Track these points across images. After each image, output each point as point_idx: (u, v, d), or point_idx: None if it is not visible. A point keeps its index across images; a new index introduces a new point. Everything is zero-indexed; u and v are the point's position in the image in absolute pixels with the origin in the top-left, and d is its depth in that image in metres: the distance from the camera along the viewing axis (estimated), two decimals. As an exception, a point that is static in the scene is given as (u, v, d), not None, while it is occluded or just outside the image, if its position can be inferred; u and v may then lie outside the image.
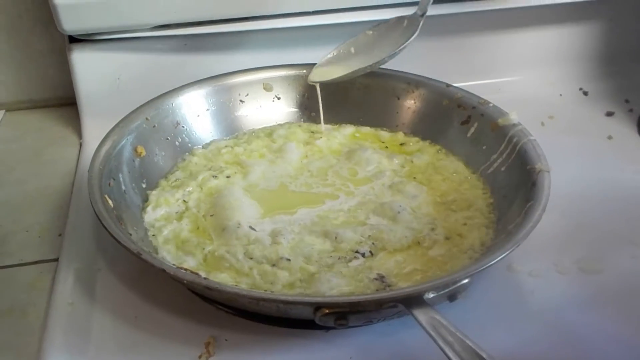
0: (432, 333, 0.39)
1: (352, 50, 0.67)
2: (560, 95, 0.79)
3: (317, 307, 0.42)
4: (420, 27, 0.65)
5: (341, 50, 0.68)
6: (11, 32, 0.77)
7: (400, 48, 0.64)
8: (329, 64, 0.68)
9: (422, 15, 0.65)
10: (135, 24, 0.69)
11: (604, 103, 0.78)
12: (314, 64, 0.68)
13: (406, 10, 0.68)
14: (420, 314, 0.40)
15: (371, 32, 0.68)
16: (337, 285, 0.48)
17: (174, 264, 0.49)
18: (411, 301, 0.41)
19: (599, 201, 0.61)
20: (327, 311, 0.41)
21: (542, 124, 0.72)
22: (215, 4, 0.68)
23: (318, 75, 0.67)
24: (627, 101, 0.78)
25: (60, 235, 0.58)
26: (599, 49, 0.82)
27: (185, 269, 0.47)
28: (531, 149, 0.56)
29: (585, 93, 0.80)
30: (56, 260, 0.55)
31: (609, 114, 0.76)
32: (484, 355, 0.37)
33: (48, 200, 0.64)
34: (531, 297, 0.51)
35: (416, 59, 0.68)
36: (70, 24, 0.66)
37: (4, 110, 0.80)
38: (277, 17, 0.70)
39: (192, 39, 0.71)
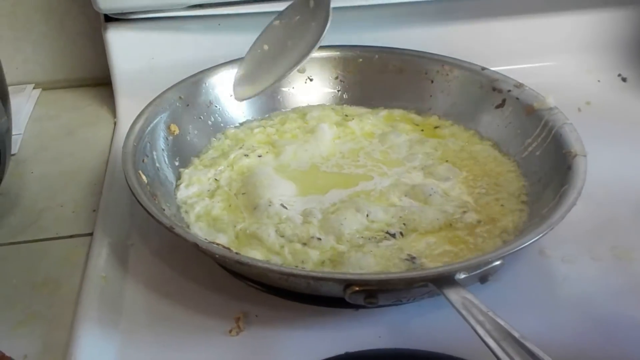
0: (463, 312, 0.39)
1: (265, 47, 0.62)
2: (598, 81, 0.78)
3: (348, 284, 0.41)
4: (331, 7, 0.58)
5: (255, 51, 0.62)
6: (48, 13, 0.78)
7: (320, 40, 0.58)
8: (250, 75, 0.62)
9: None
10: (170, 4, 0.69)
11: (644, 90, 0.76)
12: (345, 46, 0.68)
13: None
14: (451, 294, 0.40)
15: (278, 22, 0.62)
16: (367, 265, 0.48)
17: (206, 239, 0.49)
18: (442, 281, 0.41)
19: (637, 188, 0.60)
20: (357, 289, 0.41)
21: (579, 110, 0.71)
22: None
23: (242, 93, 0.62)
24: (667, 88, 0.76)
25: (94, 211, 0.59)
26: (638, 34, 0.80)
27: (217, 244, 0.48)
28: (567, 133, 0.55)
29: (624, 79, 0.78)
30: (90, 234, 0.56)
31: (649, 101, 0.74)
32: (516, 335, 0.36)
33: (82, 178, 0.64)
34: (563, 283, 0.50)
35: (450, 42, 0.68)
36: (106, 2, 0.67)
37: (40, 89, 0.81)
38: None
39: (226, 19, 0.71)
